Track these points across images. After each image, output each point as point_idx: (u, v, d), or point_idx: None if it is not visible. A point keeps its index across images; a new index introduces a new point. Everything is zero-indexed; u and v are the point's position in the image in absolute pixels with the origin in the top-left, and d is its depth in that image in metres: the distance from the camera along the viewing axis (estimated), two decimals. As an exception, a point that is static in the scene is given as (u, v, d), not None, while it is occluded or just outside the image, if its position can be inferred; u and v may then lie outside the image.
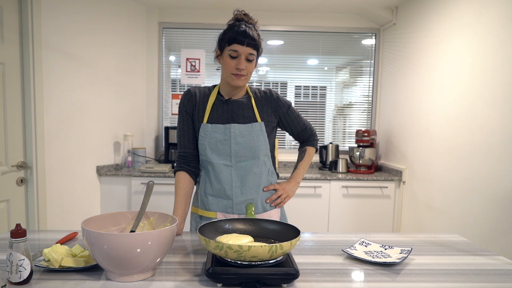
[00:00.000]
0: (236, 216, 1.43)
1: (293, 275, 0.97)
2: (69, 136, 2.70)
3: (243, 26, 1.36)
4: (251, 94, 1.48)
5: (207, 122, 1.43)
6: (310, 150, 1.63)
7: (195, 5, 3.31)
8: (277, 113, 1.50)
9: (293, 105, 1.57)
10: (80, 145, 2.80)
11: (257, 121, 1.44)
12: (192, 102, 1.46)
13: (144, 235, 0.94)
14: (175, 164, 1.49)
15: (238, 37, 1.33)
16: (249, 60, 1.37)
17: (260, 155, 1.43)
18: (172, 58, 3.55)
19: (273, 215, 1.51)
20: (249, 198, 1.44)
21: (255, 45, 1.36)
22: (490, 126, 2.03)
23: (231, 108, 1.44)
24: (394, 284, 1.01)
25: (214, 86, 1.50)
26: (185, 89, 3.56)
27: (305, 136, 1.62)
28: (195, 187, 1.52)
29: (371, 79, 3.57)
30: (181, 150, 1.48)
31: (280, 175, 2.99)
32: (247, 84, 1.49)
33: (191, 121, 1.47)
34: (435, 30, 2.59)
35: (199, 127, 1.44)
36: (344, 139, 3.67)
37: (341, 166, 3.21)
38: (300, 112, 1.68)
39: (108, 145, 3.08)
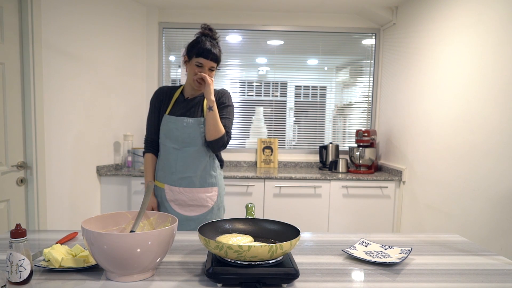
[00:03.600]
0: (177, 188, 1.78)
1: (293, 275, 0.97)
2: (69, 136, 2.70)
3: (208, 43, 1.69)
4: None
5: (168, 114, 1.78)
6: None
7: (195, 5, 3.31)
8: (218, 108, 1.80)
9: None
10: (80, 145, 2.80)
11: (203, 117, 1.76)
12: (160, 98, 1.83)
13: (144, 235, 0.94)
14: (144, 146, 1.89)
15: (205, 53, 1.67)
16: (210, 70, 1.72)
17: (201, 144, 1.76)
18: (172, 58, 3.55)
19: (210, 191, 1.82)
20: (189, 176, 1.77)
21: (216, 59, 1.71)
22: (490, 126, 2.03)
23: (187, 105, 1.79)
24: (394, 284, 1.01)
25: (181, 85, 1.86)
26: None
27: None
28: None
29: (371, 79, 3.58)
30: (148, 135, 1.87)
31: (280, 175, 3.00)
32: None
33: (157, 114, 1.83)
34: (435, 30, 2.59)
35: (162, 117, 1.80)
36: (344, 139, 3.67)
37: (341, 166, 3.21)
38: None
39: (108, 145, 3.08)
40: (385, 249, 1.26)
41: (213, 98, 1.70)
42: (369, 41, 3.55)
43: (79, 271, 1.05)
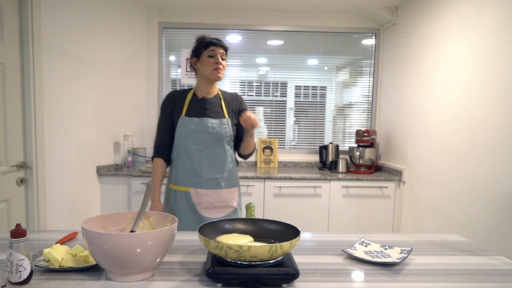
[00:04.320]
0: (203, 191, 1.75)
1: (293, 275, 0.97)
2: (69, 136, 2.70)
3: (211, 37, 1.77)
4: (221, 95, 1.84)
5: (185, 116, 1.77)
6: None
7: (195, 5, 3.31)
8: (238, 113, 1.84)
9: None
10: (80, 145, 2.80)
11: (225, 118, 1.79)
12: (172, 103, 1.81)
13: (144, 235, 0.94)
14: (153, 151, 1.86)
15: (213, 41, 1.74)
16: (222, 59, 1.75)
17: (225, 145, 1.78)
18: (172, 58, 3.55)
19: (234, 192, 1.84)
20: (215, 177, 1.77)
21: (225, 47, 1.77)
22: (490, 126, 2.03)
23: (204, 105, 1.79)
24: (394, 284, 1.01)
25: (191, 88, 1.85)
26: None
27: None
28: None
29: (371, 79, 3.58)
30: (158, 140, 1.84)
31: (280, 175, 3.00)
32: (218, 88, 1.87)
33: (169, 118, 1.81)
34: (435, 30, 2.59)
35: (178, 119, 1.77)
36: (344, 139, 3.67)
37: (341, 166, 3.21)
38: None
39: (108, 145, 3.08)
40: (385, 249, 1.26)
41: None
42: (369, 41, 3.54)
43: (79, 271, 1.05)
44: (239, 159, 3.52)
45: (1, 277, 0.93)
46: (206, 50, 1.73)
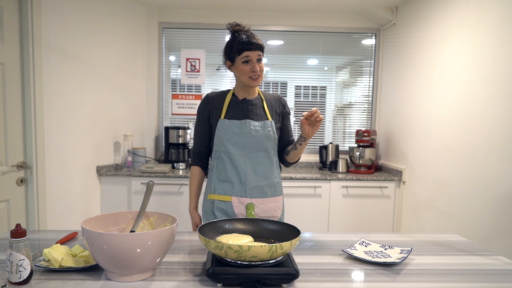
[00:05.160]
0: (248, 200, 1.59)
1: (293, 275, 0.97)
2: (69, 136, 2.70)
3: (244, 35, 1.56)
4: (262, 96, 1.69)
5: (225, 118, 1.62)
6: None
7: (195, 5, 3.31)
8: (282, 117, 1.72)
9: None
10: (80, 145, 2.80)
11: (268, 120, 1.64)
12: (209, 106, 1.66)
13: (144, 235, 0.94)
14: (190, 158, 1.69)
15: (246, 46, 1.54)
16: (259, 61, 1.57)
17: (269, 149, 1.63)
18: (172, 58, 3.55)
19: (278, 201, 1.69)
20: (260, 185, 1.61)
21: (261, 46, 1.58)
22: (490, 126, 2.03)
23: (245, 106, 1.63)
24: (394, 284, 1.01)
25: (229, 90, 1.70)
26: (185, 89, 3.57)
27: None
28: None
29: (371, 79, 3.58)
30: (196, 147, 1.71)
31: (280, 175, 3.00)
32: (258, 88, 1.72)
33: (207, 124, 1.67)
34: (435, 30, 2.59)
35: (217, 123, 1.62)
36: (344, 139, 3.67)
37: (341, 166, 3.21)
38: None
39: (108, 145, 3.08)
40: (385, 249, 1.26)
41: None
42: (369, 41, 3.54)
43: (79, 271, 1.05)
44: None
45: (1, 277, 0.93)
46: (239, 56, 1.55)
